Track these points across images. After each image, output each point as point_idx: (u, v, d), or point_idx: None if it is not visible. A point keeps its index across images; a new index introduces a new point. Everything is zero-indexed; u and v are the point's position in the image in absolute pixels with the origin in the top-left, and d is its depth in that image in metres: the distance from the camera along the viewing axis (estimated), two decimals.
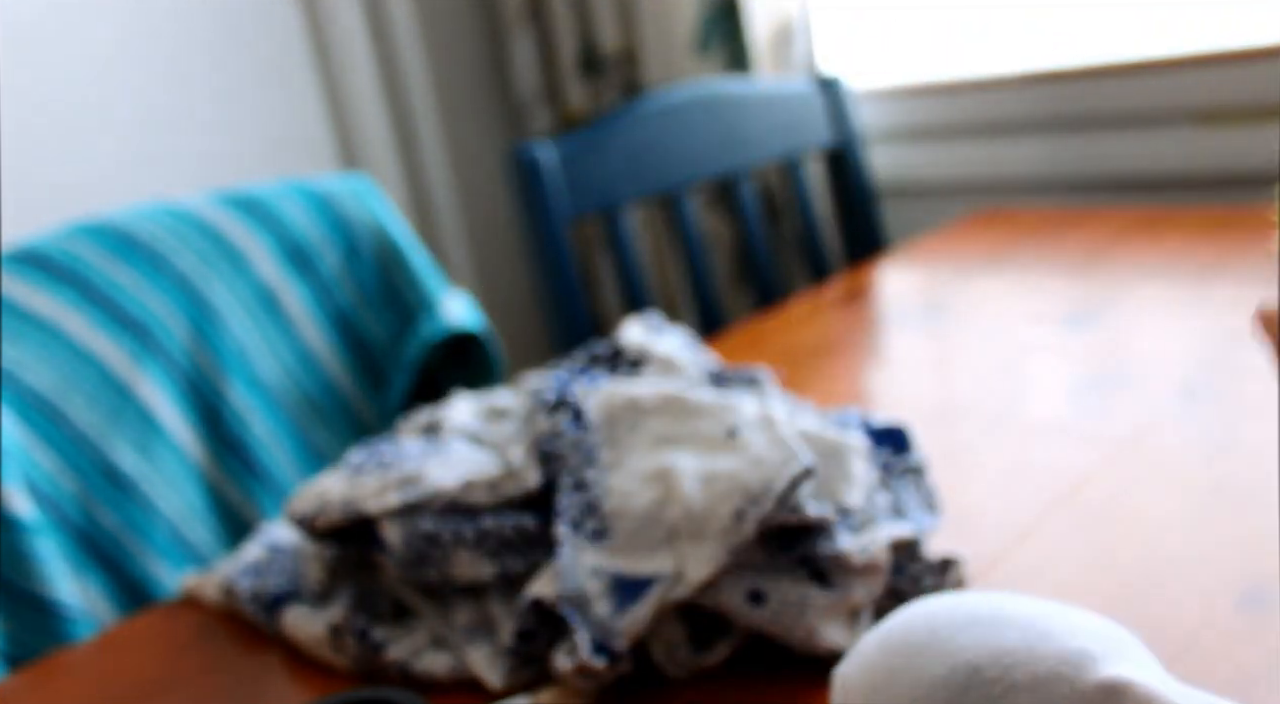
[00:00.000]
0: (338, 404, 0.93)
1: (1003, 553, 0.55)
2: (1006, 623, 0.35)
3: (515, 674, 0.50)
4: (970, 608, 0.36)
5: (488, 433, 0.61)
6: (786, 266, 1.54)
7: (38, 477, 0.77)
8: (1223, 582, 0.49)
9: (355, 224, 0.94)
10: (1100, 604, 0.49)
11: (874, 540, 0.49)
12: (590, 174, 1.07)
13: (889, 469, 0.56)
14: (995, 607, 0.36)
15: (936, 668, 0.34)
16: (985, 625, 0.35)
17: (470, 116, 1.80)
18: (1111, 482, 0.60)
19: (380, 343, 0.94)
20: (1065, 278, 0.94)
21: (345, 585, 0.58)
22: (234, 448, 0.86)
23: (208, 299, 0.87)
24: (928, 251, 1.10)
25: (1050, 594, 0.51)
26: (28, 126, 1.41)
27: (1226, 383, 0.68)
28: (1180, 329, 0.78)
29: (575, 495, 0.52)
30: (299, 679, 0.55)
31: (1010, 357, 0.80)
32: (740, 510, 0.48)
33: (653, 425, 0.55)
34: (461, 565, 0.53)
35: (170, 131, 1.53)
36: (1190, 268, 0.90)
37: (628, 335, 0.64)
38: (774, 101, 1.21)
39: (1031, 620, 0.35)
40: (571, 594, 0.48)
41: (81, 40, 1.44)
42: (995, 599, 0.36)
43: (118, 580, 0.80)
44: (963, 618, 0.35)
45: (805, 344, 0.90)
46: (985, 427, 0.69)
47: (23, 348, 0.79)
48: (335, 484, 0.57)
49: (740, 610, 0.48)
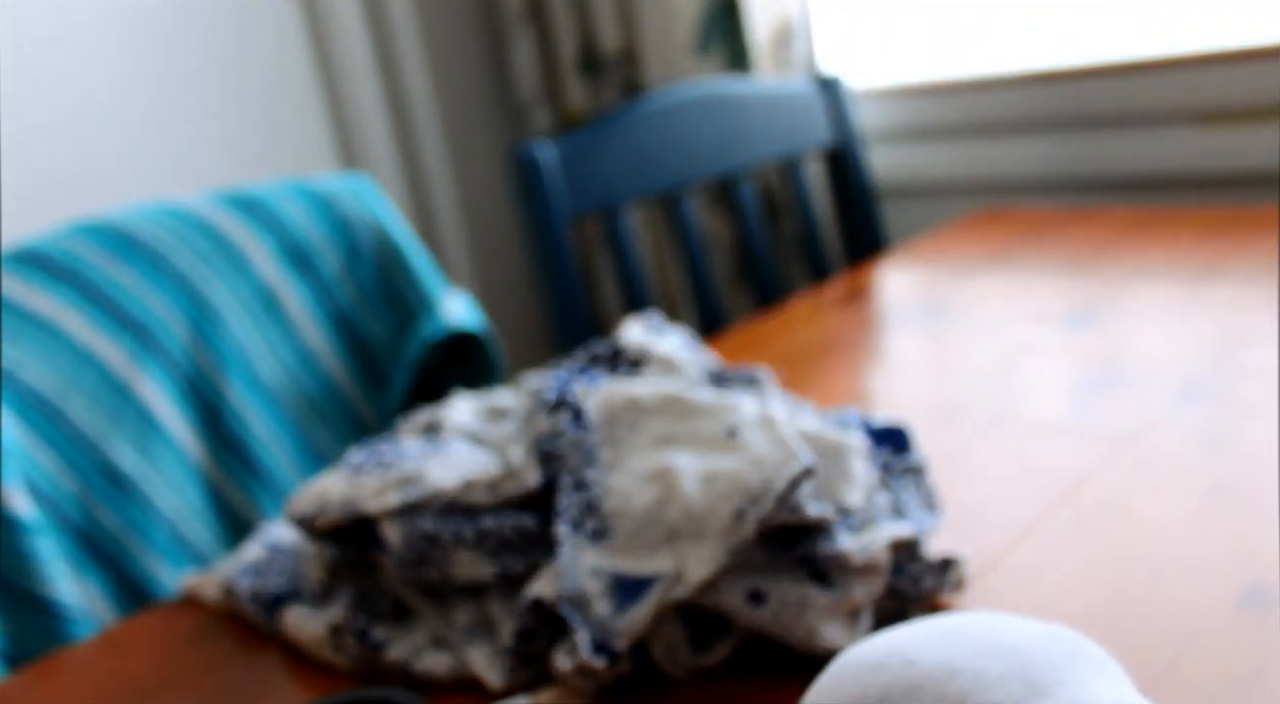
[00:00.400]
0: (338, 404, 0.93)
1: (1003, 553, 0.55)
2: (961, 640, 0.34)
3: (515, 674, 0.50)
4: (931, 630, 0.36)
5: (488, 433, 0.61)
6: (786, 266, 1.54)
7: (38, 477, 0.77)
8: (1223, 582, 0.49)
9: (355, 224, 0.94)
10: (1099, 604, 0.49)
11: (874, 540, 0.49)
12: (590, 174, 1.07)
13: (889, 469, 0.56)
14: (955, 629, 0.35)
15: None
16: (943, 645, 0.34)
17: (470, 116, 1.80)
18: (1111, 482, 0.60)
19: (380, 343, 0.94)
20: (1065, 278, 0.94)
21: (345, 585, 0.58)
22: (234, 448, 0.86)
23: (208, 299, 0.87)
24: (928, 251, 1.10)
25: (1050, 594, 0.51)
26: (28, 126, 1.41)
27: (1226, 383, 0.68)
28: (1180, 329, 0.78)
29: (575, 495, 0.52)
30: (299, 679, 0.55)
31: (1010, 357, 0.80)
32: (740, 510, 0.48)
33: (653, 425, 0.55)
34: (461, 565, 0.53)
35: (170, 132, 1.53)
36: (1190, 268, 0.90)
37: (628, 335, 0.64)
38: (774, 101, 1.21)
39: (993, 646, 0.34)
40: (571, 594, 0.48)
41: (81, 40, 1.44)
42: (961, 622, 0.36)
43: (118, 580, 0.80)
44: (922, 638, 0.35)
45: (805, 344, 0.90)
46: (985, 427, 0.69)
47: (23, 348, 0.79)
48: (335, 484, 0.57)
49: (740, 610, 0.48)
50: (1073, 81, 1.30)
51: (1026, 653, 0.34)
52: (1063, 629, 0.36)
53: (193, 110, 1.55)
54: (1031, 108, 1.34)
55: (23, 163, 1.40)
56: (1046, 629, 0.36)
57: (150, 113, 1.51)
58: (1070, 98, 1.31)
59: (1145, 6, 1.28)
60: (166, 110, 1.52)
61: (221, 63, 1.57)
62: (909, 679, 0.34)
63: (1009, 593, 0.52)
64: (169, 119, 1.52)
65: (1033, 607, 0.50)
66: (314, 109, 1.68)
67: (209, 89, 1.56)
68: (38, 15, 1.41)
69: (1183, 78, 1.22)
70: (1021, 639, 0.34)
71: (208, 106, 1.56)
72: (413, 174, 1.77)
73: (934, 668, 0.33)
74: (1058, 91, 1.31)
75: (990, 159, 1.38)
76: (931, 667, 0.34)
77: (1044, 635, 0.35)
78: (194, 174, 1.55)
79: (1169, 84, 1.23)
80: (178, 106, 1.53)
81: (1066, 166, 1.32)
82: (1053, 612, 0.50)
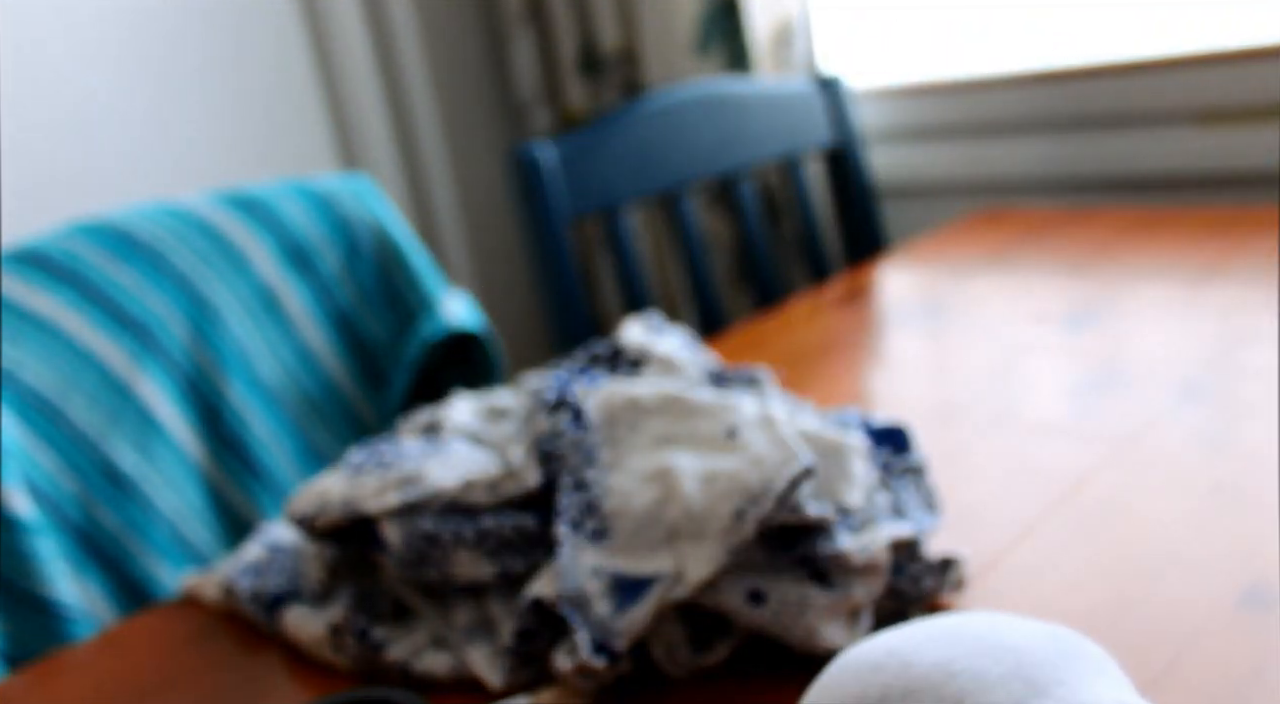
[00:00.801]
0: (338, 404, 0.93)
1: (1003, 553, 0.55)
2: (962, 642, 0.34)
3: (515, 674, 0.50)
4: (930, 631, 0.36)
5: (488, 433, 0.61)
6: (786, 266, 1.54)
7: (38, 477, 0.77)
8: (1223, 582, 0.49)
9: (355, 224, 0.94)
10: (1099, 604, 0.49)
11: (874, 540, 0.49)
12: (590, 174, 1.07)
13: (889, 469, 0.56)
14: (954, 630, 0.35)
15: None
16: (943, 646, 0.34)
17: (470, 116, 1.80)
18: (1111, 482, 0.60)
19: (380, 343, 0.94)
20: (1065, 278, 0.94)
21: (345, 585, 0.58)
22: (234, 448, 0.86)
23: (208, 299, 0.87)
24: (928, 251, 1.10)
25: (1050, 594, 0.51)
26: (28, 126, 1.41)
27: (1226, 383, 0.68)
28: (1180, 329, 0.78)
29: (575, 495, 0.52)
30: (299, 679, 0.55)
31: (1010, 357, 0.80)
32: (740, 510, 0.48)
33: (653, 425, 0.55)
34: (461, 565, 0.53)
35: (170, 132, 1.53)
36: (1190, 268, 0.90)
37: (628, 335, 0.64)
38: (774, 101, 1.21)
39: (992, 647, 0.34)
40: (571, 594, 0.48)
41: (81, 40, 1.44)
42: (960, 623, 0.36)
43: (118, 580, 0.80)
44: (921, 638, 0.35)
45: (805, 344, 0.90)
46: (985, 427, 0.69)
47: (23, 348, 0.79)
48: (335, 484, 0.57)
49: (740, 610, 0.48)
50: (1073, 81, 1.30)
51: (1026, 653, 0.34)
52: (1063, 629, 0.36)
53: (193, 110, 1.55)
54: (1031, 108, 1.34)
55: (23, 163, 1.40)
56: (1046, 629, 0.36)
57: (150, 113, 1.51)
58: (1070, 98, 1.31)
59: (1145, 6, 1.28)
60: (166, 110, 1.52)
61: (221, 63, 1.57)
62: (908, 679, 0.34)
63: (1009, 593, 0.52)
64: (169, 119, 1.52)
65: (1033, 607, 0.50)
66: (314, 109, 1.68)
67: (209, 89, 1.56)
68: (38, 15, 1.41)
69: (1183, 78, 1.22)
70: (1021, 639, 0.34)
71: (208, 106, 1.56)
72: (413, 174, 1.77)
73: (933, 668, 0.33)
74: (1058, 91, 1.31)
75: (990, 159, 1.38)
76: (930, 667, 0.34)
77: (1044, 635, 0.35)
78: (194, 174, 1.55)
79: (1169, 84, 1.23)
80: (178, 106, 1.53)
81: (1066, 166, 1.32)
82: (1053, 612, 0.50)
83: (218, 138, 1.57)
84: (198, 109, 1.55)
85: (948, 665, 0.33)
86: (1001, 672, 0.33)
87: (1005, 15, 1.40)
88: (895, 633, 0.36)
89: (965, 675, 0.33)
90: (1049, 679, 0.33)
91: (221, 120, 1.57)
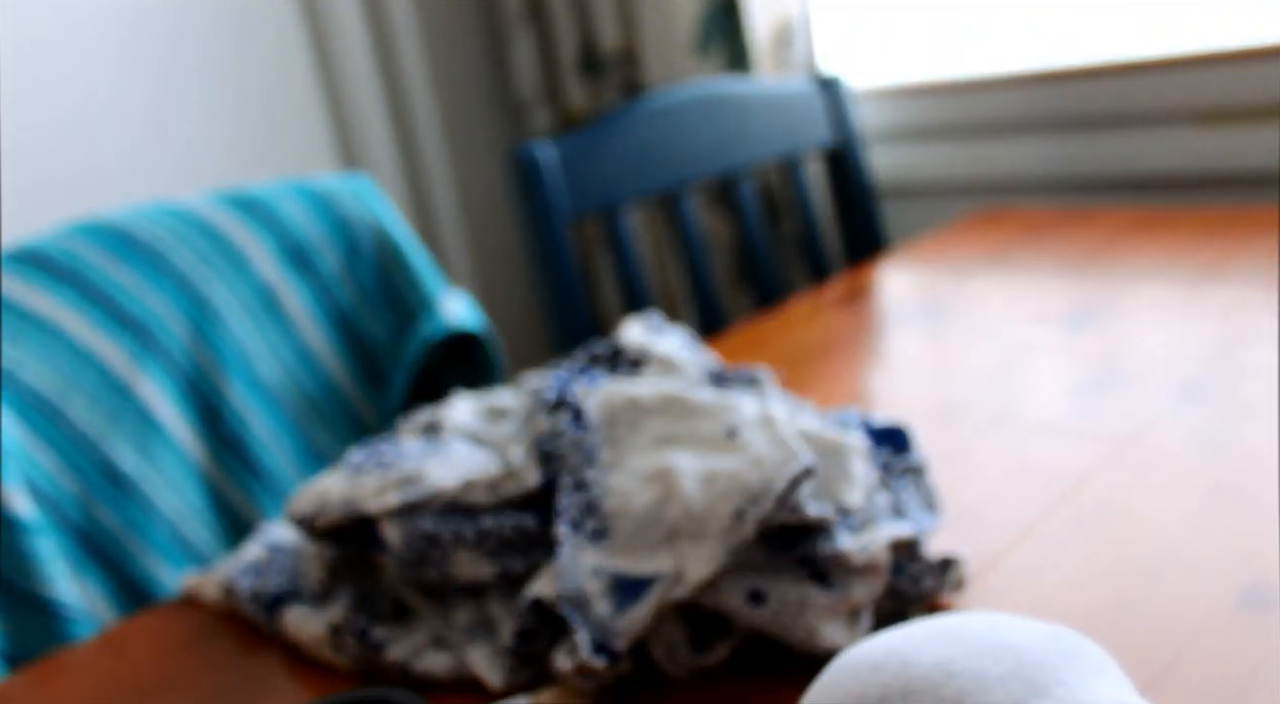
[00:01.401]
0: (338, 404, 0.93)
1: (1003, 553, 0.55)
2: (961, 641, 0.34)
3: (515, 674, 0.50)
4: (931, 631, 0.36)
5: (488, 433, 0.61)
6: (786, 266, 1.54)
7: (38, 477, 0.77)
8: (1223, 582, 0.49)
9: (355, 224, 0.94)
10: (1099, 604, 0.49)
11: (874, 540, 0.49)
12: (590, 174, 1.07)
13: (889, 469, 0.56)
14: (953, 630, 0.35)
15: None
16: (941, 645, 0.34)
17: (470, 116, 1.80)
18: (1111, 482, 0.60)
19: (380, 343, 0.94)
20: (1065, 278, 0.94)
21: (345, 585, 0.58)
22: (234, 448, 0.86)
23: (208, 299, 0.87)
24: (928, 251, 1.10)
25: (1050, 594, 0.51)
26: (28, 126, 1.41)
27: (1226, 383, 0.68)
28: (1180, 329, 0.78)
29: (575, 495, 0.52)
30: (299, 679, 0.55)
31: (1010, 357, 0.80)
32: (740, 510, 0.48)
33: (653, 425, 0.55)
34: (461, 565, 0.53)
35: (170, 132, 1.53)
36: (1190, 268, 0.90)
37: (628, 335, 0.64)
38: (774, 101, 1.21)
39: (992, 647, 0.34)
40: (571, 594, 0.48)
41: (81, 40, 1.44)
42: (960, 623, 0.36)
43: (118, 580, 0.80)
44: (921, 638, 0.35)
45: (805, 344, 0.90)
46: (985, 427, 0.69)
47: (23, 348, 0.79)
48: (335, 484, 0.57)
49: (740, 610, 0.48)
50: (1073, 81, 1.30)
51: (1026, 653, 0.34)
52: (1063, 629, 0.36)
53: (193, 110, 1.55)
54: (1031, 108, 1.34)
55: (23, 163, 1.40)
56: (1046, 629, 0.36)
57: (150, 113, 1.51)
58: (1070, 98, 1.31)
59: (1145, 6, 1.28)
60: (166, 110, 1.52)
61: (221, 63, 1.57)
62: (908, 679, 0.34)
63: (1009, 593, 0.52)
64: (169, 119, 1.52)
65: (1033, 607, 0.50)
66: (314, 109, 1.68)
67: (209, 89, 1.56)
68: (38, 15, 1.41)
69: (1183, 78, 1.22)
70: (1021, 639, 0.34)
71: (208, 106, 1.56)
72: (413, 174, 1.77)
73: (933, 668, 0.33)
74: (1058, 91, 1.31)
75: (990, 159, 1.38)
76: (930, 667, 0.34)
77: (1044, 635, 0.35)
78: (194, 174, 1.55)
79: (1169, 84, 1.23)
80: (178, 106, 1.53)
81: (1066, 166, 1.32)
82: (1053, 612, 0.50)
83: (218, 138, 1.57)
84: (198, 109, 1.55)
85: (947, 665, 0.33)
86: (1001, 672, 0.33)
87: (1005, 15, 1.40)
88: (895, 633, 0.36)
89: (965, 675, 0.33)
90: (1049, 679, 0.33)
91: (221, 120, 1.57)
